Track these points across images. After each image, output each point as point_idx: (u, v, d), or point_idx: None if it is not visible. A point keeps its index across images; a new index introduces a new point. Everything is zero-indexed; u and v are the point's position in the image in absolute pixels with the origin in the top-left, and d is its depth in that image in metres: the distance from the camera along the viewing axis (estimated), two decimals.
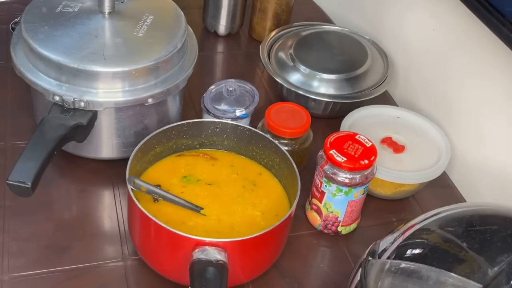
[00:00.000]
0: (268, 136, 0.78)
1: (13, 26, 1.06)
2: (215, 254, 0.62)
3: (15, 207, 0.77)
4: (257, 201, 0.74)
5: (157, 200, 0.71)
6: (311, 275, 0.75)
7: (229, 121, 0.80)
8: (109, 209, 0.79)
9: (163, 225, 0.63)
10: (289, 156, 0.74)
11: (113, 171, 0.84)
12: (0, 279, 0.69)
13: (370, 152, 0.74)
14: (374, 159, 0.74)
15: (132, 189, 0.68)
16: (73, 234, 0.75)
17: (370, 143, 0.75)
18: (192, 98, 0.97)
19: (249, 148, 0.79)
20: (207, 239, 0.63)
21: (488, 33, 0.75)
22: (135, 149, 0.72)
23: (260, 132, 0.78)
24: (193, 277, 0.61)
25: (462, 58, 0.90)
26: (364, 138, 0.76)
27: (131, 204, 0.68)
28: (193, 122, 0.78)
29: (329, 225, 0.78)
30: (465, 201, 0.89)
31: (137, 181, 0.69)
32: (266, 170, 0.79)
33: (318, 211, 0.78)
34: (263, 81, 1.07)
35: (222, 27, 1.15)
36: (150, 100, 0.77)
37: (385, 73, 1.00)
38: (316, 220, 0.79)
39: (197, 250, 0.63)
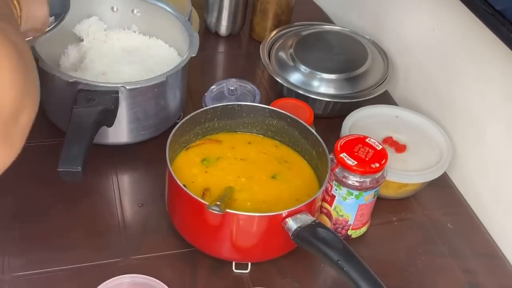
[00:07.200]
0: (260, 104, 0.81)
1: None
2: (308, 217, 0.67)
3: (17, 207, 0.77)
4: (263, 165, 0.79)
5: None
6: (312, 276, 0.76)
7: (219, 104, 0.81)
8: (110, 205, 0.79)
9: (248, 214, 0.68)
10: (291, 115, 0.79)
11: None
12: (1, 278, 0.69)
13: (380, 155, 0.74)
14: (385, 163, 0.73)
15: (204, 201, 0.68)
16: (76, 232, 0.76)
17: (381, 146, 0.75)
18: (193, 98, 0.97)
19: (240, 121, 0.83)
20: (290, 209, 0.67)
21: (488, 33, 0.75)
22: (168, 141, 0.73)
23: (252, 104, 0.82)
24: (311, 242, 0.65)
25: (462, 57, 0.90)
26: (375, 141, 0.75)
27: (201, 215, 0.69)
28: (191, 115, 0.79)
29: (339, 229, 0.78)
30: (466, 201, 0.89)
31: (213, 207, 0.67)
32: (256, 136, 0.83)
33: (328, 215, 0.78)
34: (263, 81, 1.07)
35: (223, 28, 1.15)
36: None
37: (385, 72, 1.00)
38: (326, 223, 0.78)
39: (288, 221, 0.67)
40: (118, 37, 0.95)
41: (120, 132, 0.84)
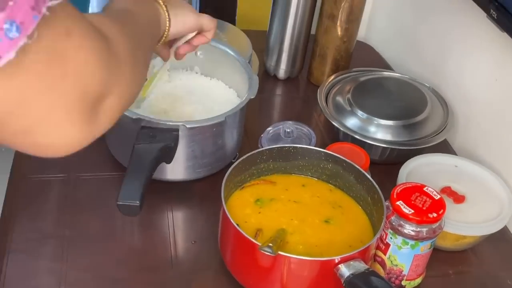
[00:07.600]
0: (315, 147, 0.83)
1: None
2: (361, 264, 0.66)
3: (74, 237, 0.79)
4: (316, 209, 0.79)
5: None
6: None
7: (275, 146, 0.83)
8: (164, 240, 0.80)
9: (299, 257, 0.67)
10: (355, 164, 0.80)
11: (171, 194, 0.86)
12: None
13: (438, 205, 0.72)
14: (443, 213, 0.72)
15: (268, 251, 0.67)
16: (129, 266, 0.77)
17: (439, 196, 0.73)
18: (249, 138, 0.98)
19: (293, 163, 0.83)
20: (343, 255, 0.67)
21: None
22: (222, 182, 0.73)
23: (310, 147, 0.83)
24: None
25: None
26: (432, 190, 0.74)
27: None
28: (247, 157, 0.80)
29: (393, 279, 0.76)
30: None
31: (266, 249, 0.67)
32: (310, 178, 0.83)
33: (382, 264, 0.76)
34: (319, 124, 1.07)
35: (282, 71, 1.17)
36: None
37: (445, 121, 0.99)
38: (379, 272, 0.76)
39: (341, 267, 0.66)
40: (181, 78, 0.98)
41: (177, 169, 0.85)
